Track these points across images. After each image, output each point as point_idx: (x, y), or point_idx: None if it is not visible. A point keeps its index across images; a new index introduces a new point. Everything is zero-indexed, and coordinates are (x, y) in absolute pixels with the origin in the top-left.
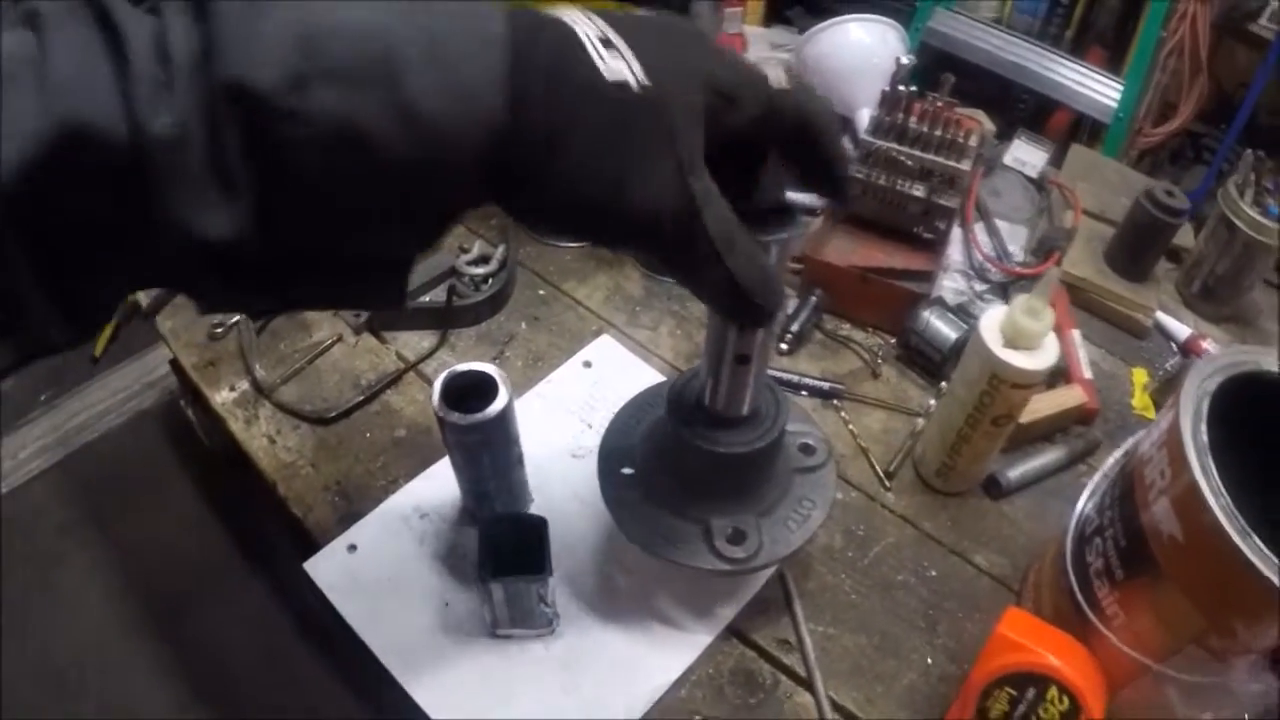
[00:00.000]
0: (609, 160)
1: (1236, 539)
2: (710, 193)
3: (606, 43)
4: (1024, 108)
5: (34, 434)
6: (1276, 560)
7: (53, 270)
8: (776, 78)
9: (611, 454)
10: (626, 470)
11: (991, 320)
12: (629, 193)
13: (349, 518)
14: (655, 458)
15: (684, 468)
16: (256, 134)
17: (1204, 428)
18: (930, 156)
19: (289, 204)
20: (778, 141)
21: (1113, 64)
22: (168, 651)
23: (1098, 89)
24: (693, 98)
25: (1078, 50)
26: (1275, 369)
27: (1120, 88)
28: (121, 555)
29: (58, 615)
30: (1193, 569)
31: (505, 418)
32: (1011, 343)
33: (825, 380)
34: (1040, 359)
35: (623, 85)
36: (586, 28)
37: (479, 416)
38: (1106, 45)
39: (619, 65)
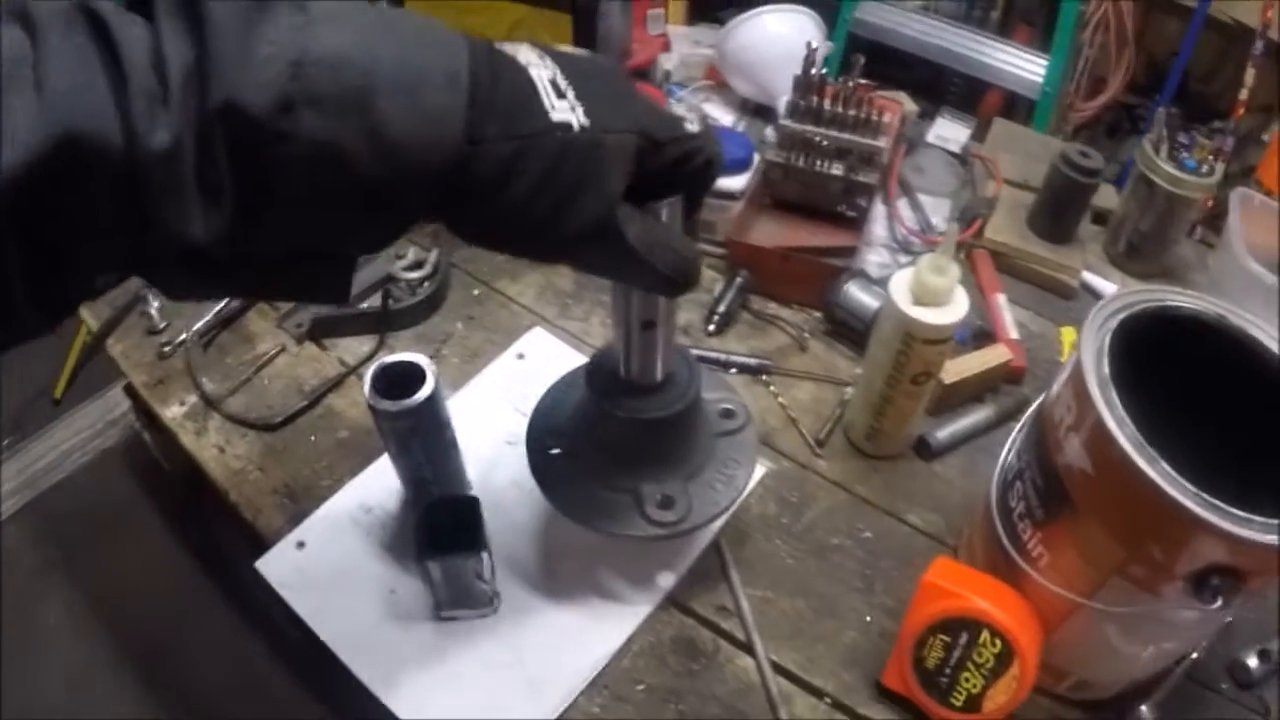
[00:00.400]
0: (550, 191)
1: (1144, 465)
2: (630, 214)
3: (557, 87)
4: (955, 90)
5: (1, 478)
6: (1184, 483)
7: (38, 266)
8: (692, 119)
9: (540, 433)
10: (555, 450)
11: (900, 281)
12: (564, 220)
13: (297, 517)
14: (583, 433)
15: (609, 438)
16: (245, 150)
17: (1105, 361)
18: (846, 136)
19: (266, 212)
20: (681, 180)
21: (1040, 42)
22: (150, 686)
23: (1024, 67)
24: (624, 140)
25: (1004, 30)
26: (1181, 305)
27: (1045, 64)
28: (97, 593)
29: (38, 657)
30: (1106, 500)
31: (433, 403)
32: (920, 300)
33: (754, 357)
34: (948, 314)
35: (567, 126)
36: (540, 70)
37: (408, 402)
38: (1032, 24)
39: (564, 107)
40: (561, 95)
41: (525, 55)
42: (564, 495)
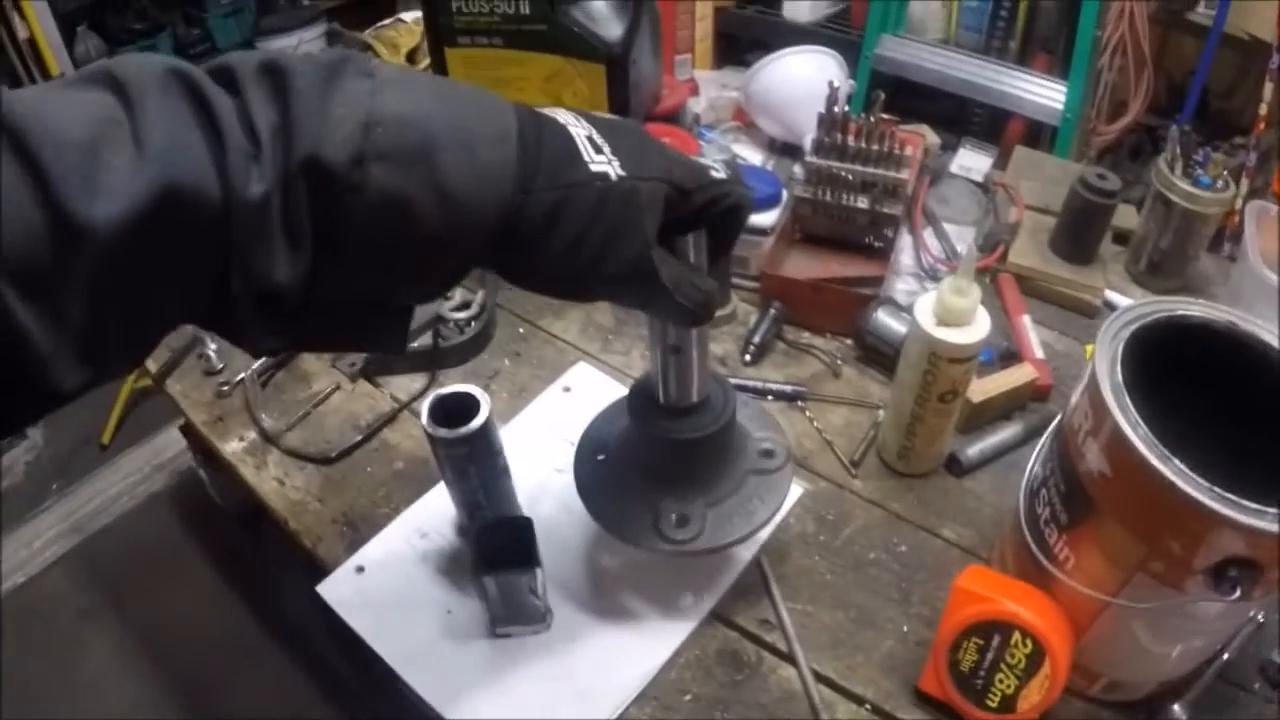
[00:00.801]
0: (592, 236)
1: (1158, 464)
2: (663, 257)
3: (594, 143)
4: (978, 120)
5: (47, 522)
6: (1196, 478)
7: (131, 312)
8: (719, 167)
9: (589, 443)
10: (600, 456)
11: (924, 303)
12: (605, 262)
13: (356, 544)
14: (622, 448)
15: (641, 455)
16: (323, 201)
17: (1119, 369)
18: (870, 170)
19: (341, 256)
20: (712, 222)
21: (1059, 69)
22: None
23: (1044, 94)
24: (655, 187)
25: (1023, 59)
26: (1191, 314)
27: (1065, 90)
28: (143, 636)
29: (84, 701)
30: (1125, 500)
31: (487, 430)
32: (944, 321)
33: (789, 384)
34: (971, 334)
35: (605, 176)
36: (578, 129)
37: (464, 430)
38: (1050, 51)
39: (602, 160)
40: (599, 150)
41: (563, 116)
42: (596, 502)
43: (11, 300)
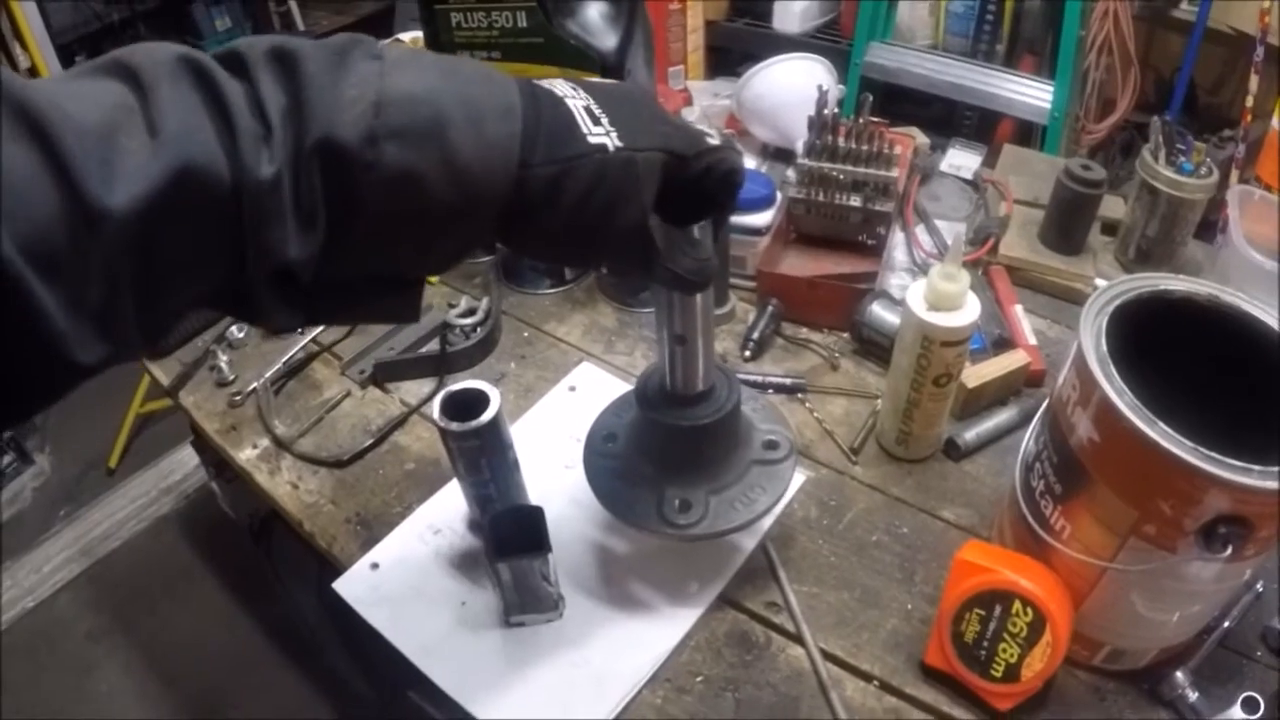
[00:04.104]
0: (592, 203)
1: (1144, 427)
2: (659, 225)
3: (591, 113)
4: (969, 122)
5: (56, 547)
6: (1182, 439)
7: (148, 293)
8: (714, 134)
9: (598, 433)
10: (608, 445)
11: (916, 290)
12: (604, 228)
13: (370, 542)
14: (631, 437)
15: (649, 443)
16: (337, 179)
17: (1103, 341)
18: (861, 170)
19: (354, 233)
20: (708, 188)
21: (1046, 70)
22: None
23: (1032, 95)
24: (652, 156)
25: (1010, 61)
26: (1174, 288)
27: (1052, 90)
28: (153, 656)
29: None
30: (1115, 466)
31: (498, 423)
32: (934, 306)
33: (789, 377)
34: (962, 317)
35: (603, 149)
36: (575, 100)
37: (475, 423)
38: (1037, 53)
39: (600, 132)
40: (597, 121)
41: (561, 88)
42: (604, 489)
43: (31, 280)
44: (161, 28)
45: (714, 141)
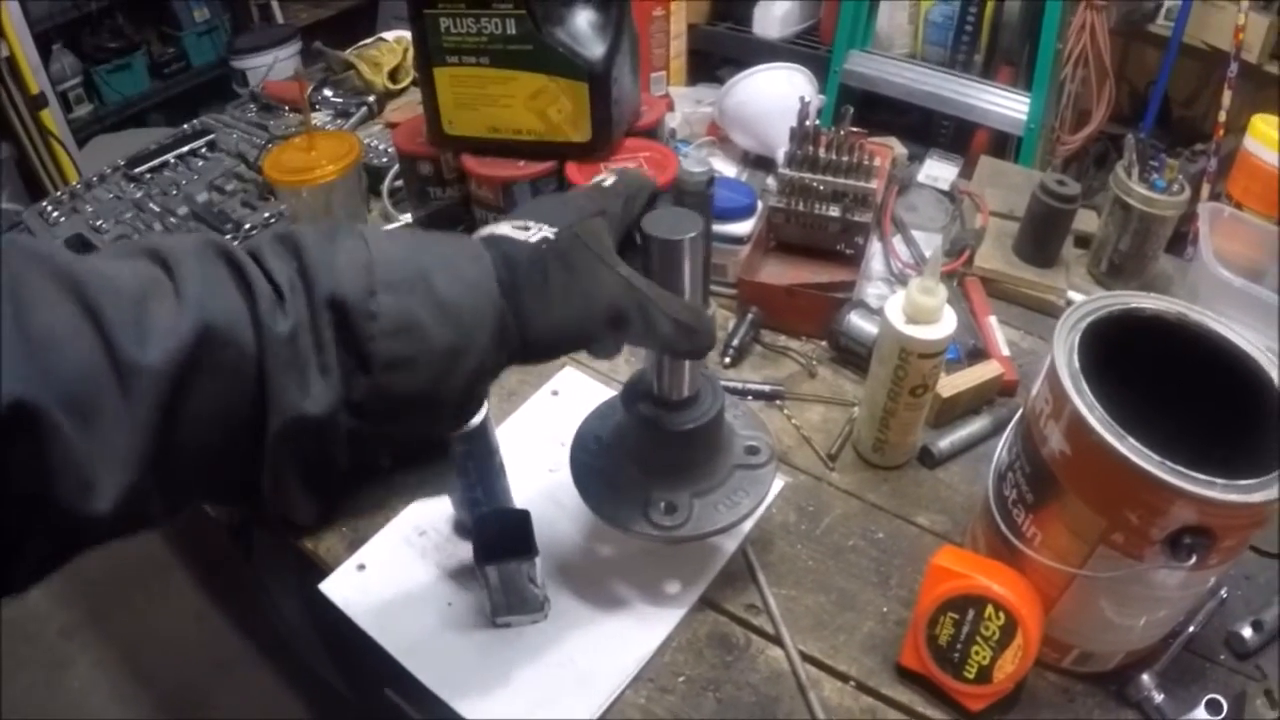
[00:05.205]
0: (570, 292)
1: (1113, 441)
2: (634, 273)
3: (523, 226)
4: (945, 131)
5: None
6: (1149, 453)
7: (170, 448)
8: (607, 177)
9: (584, 436)
10: (594, 448)
11: (894, 303)
12: (592, 301)
13: (356, 543)
14: (617, 441)
15: (635, 446)
16: (347, 330)
17: (1075, 357)
18: (841, 180)
19: (366, 381)
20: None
21: (1023, 81)
22: None
23: (1008, 106)
24: (590, 224)
25: (988, 72)
26: (1144, 306)
27: (1028, 102)
28: (128, 653)
29: (71, 717)
30: (1085, 477)
31: (485, 429)
32: (913, 319)
33: (767, 384)
34: (939, 330)
35: (544, 239)
36: (506, 227)
37: (463, 429)
38: (1014, 64)
39: (536, 232)
40: (525, 228)
41: (498, 227)
42: (589, 491)
43: (66, 428)
44: (140, 19)
45: (610, 180)
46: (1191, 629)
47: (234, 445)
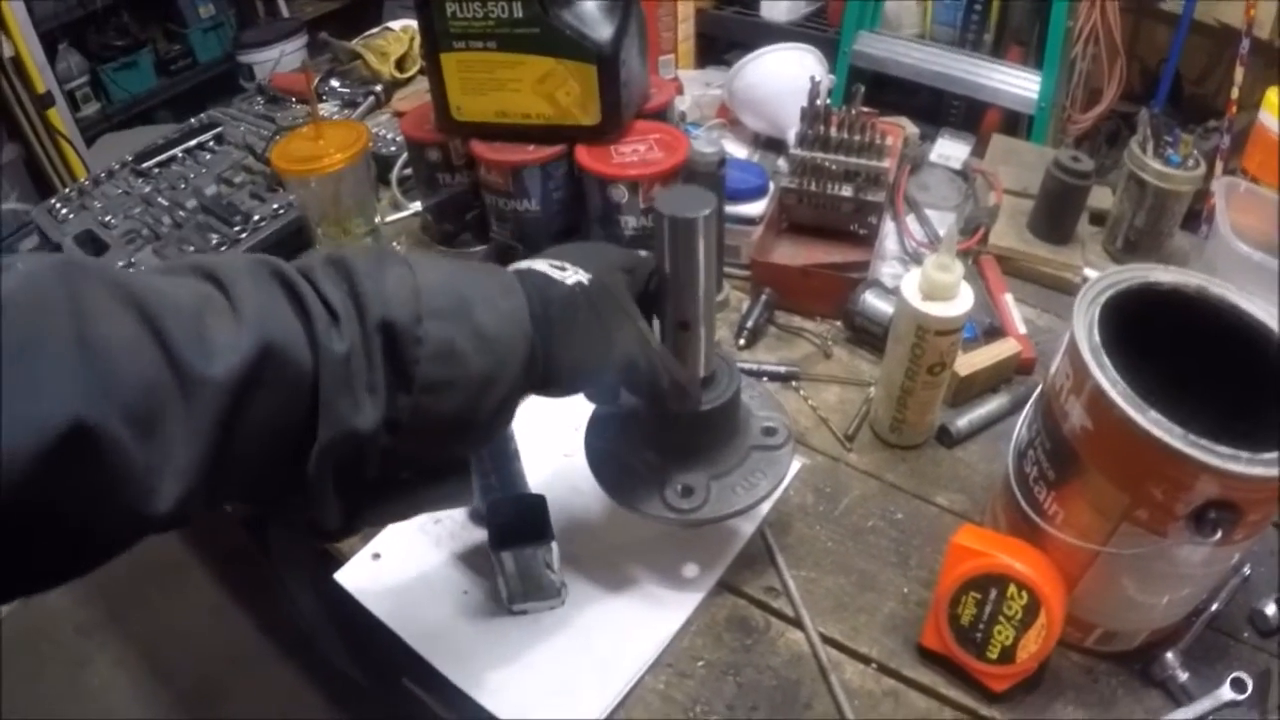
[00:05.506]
0: (595, 336)
1: (1135, 415)
2: (652, 334)
3: (560, 267)
4: (956, 111)
5: None
6: (1172, 425)
7: (227, 458)
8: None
9: (599, 420)
10: (610, 433)
11: (910, 280)
12: (613, 347)
13: (371, 533)
14: (633, 424)
15: (651, 430)
16: (396, 353)
17: (1096, 331)
18: (853, 160)
19: (408, 401)
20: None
21: (1033, 60)
22: None
23: (1019, 85)
24: (618, 278)
25: (998, 51)
26: (1163, 280)
27: (1039, 80)
28: (146, 650)
29: (90, 715)
30: (1107, 453)
31: None
32: (929, 296)
33: (783, 365)
34: (955, 307)
35: (579, 284)
36: (544, 265)
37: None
38: (1024, 43)
39: (572, 275)
40: (562, 269)
41: (534, 263)
42: (606, 475)
43: (127, 441)
44: (145, 16)
45: (641, 253)
46: (1215, 607)
47: (283, 456)
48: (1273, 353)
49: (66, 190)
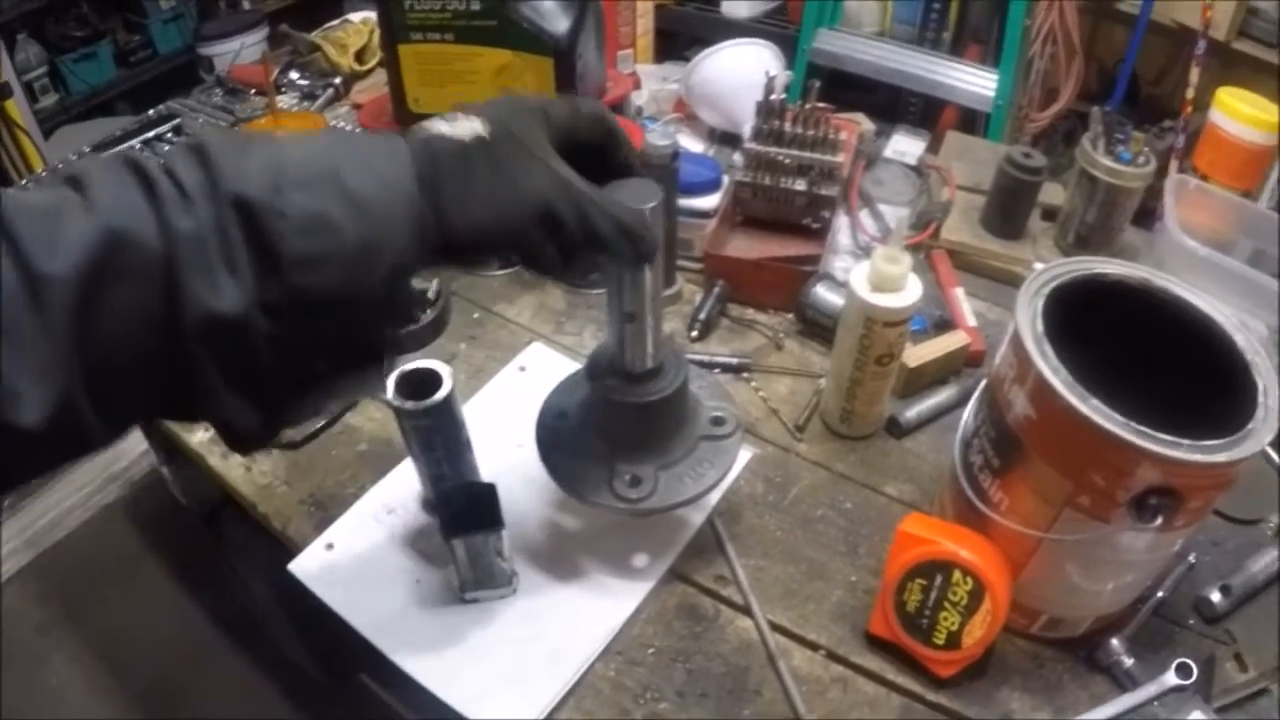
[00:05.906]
0: (496, 186)
1: (1077, 403)
2: (575, 174)
3: (451, 118)
4: (914, 109)
5: (1, 539)
6: (1113, 414)
7: (93, 356)
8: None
9: (550, 409)
10: (560, 422)
11: (860, 272)
12: (520, 196)
13: (324, 523)
14: (582, 414)
15: (600, 419)
16: (255, 229)
17: (1039, 321)
18: (807, 154)
19: (279, 282)
20: (597, 138)
21: (991, 59)
22: None
23: (976, 83)
24: (532, 123)
25: (956, 50)
26: (1108, 272)
27: (996, 79)
28: (103, 647)
29: (49, 714)
30: (1050, 440)
31: (450, 402)
32: (877, 287)
33: (735, 357)
34: (903, 298)
35: (475, 134)
36: (436, 121)
37: (428, 401)
38: (982, 42)
39: (468, 125)
40: (457, 120)
41: (430, 121)
42: (555, 465)
43: None
44: (105, 7)
45: (585, 105)
46: (1160, 594)
47: (153, 349)
48: (1217, 345)
49: (24, 182)
